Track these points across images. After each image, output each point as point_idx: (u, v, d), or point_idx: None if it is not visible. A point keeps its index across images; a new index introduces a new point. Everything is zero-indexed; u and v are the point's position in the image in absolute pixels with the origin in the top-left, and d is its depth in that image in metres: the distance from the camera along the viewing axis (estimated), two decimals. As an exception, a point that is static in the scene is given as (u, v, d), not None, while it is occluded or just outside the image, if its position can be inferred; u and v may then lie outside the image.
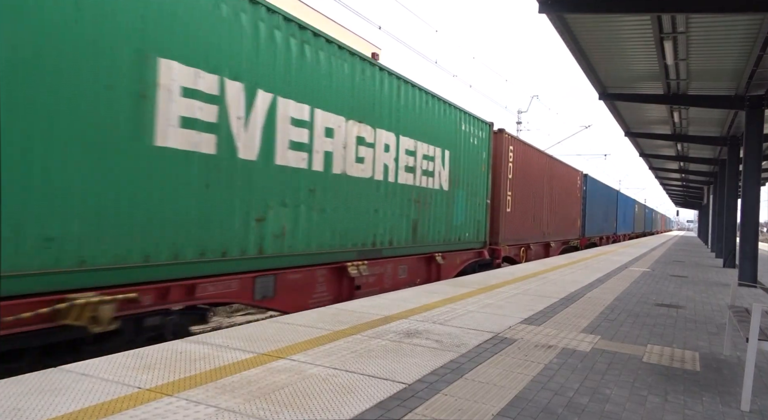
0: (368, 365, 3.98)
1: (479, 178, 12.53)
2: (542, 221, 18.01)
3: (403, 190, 9.31)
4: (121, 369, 3.62)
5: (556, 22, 8.74)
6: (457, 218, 11.29)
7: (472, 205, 12.09)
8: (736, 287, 5.65)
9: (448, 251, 11.04)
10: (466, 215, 11.74)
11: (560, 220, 20.67)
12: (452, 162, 11.12)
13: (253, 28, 6.07)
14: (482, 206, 12.70)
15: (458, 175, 11.41)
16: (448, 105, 11.02)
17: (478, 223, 12.44)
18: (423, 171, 9.94)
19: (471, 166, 12.02)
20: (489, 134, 13.09)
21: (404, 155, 9.29)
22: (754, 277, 11.37)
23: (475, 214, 12.31)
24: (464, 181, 11.71)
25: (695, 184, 36.72)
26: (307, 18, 20.67)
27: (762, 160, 11.91)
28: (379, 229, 8.59)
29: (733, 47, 9.35)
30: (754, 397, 3.75)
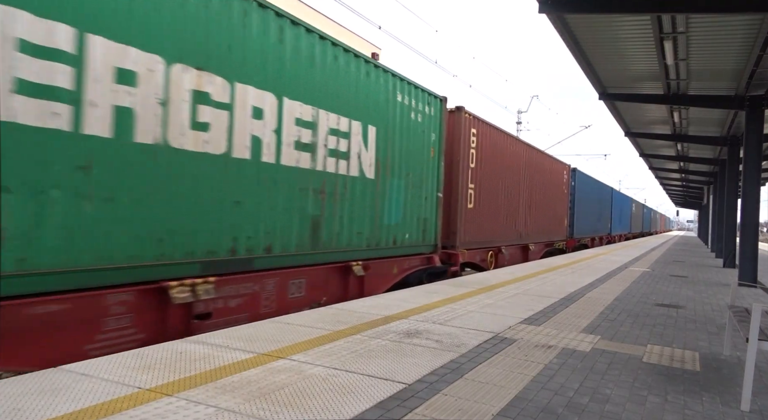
0: (368, 365, 3.98)
1: (426, 165, 10.06)
2: (518, 220, 15.81)
3: (294, 176, 6.73)
4: (121, 369, 3.62)
5: (556, 22, 8.74)
6: (390, 216, 8.87)
7: (414, 199, 9.65)
8: (736, 287, 5.65)
9: (375, 259, 8.57)
10: (405, 212, 9.34)
11: (542, 219, 18.42)
12: (381, 142, 8.58)
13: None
14: (431, 201, 10.28)
15: (392, 160, 8.90)
16: (374, 66, 8.39)
17: (424, 222, 10.03)
18: (330, 151, 7.38)
19: (413, 149, 9.56)
20: (440, 112, 10.55)
21: (294, 127, 6.67)
22: (754, 277, 11.36)
23: (420, 211, 9.87)
24: (402, 168, 9.22)
25: (695, 184, 36.71)
26: (308, 18, 20.66)
27: (762, 160, 11.91)
28: (244, 230, 6.01)
29: (733, 47, 9.35)
30: (754, 397, 3.75)
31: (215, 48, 5.62)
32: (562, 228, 21.28)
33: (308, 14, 23.75)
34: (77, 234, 4.43)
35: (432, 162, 10.33)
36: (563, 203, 21.51)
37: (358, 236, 8.11)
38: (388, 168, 8.84)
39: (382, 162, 8.63)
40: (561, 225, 21.21)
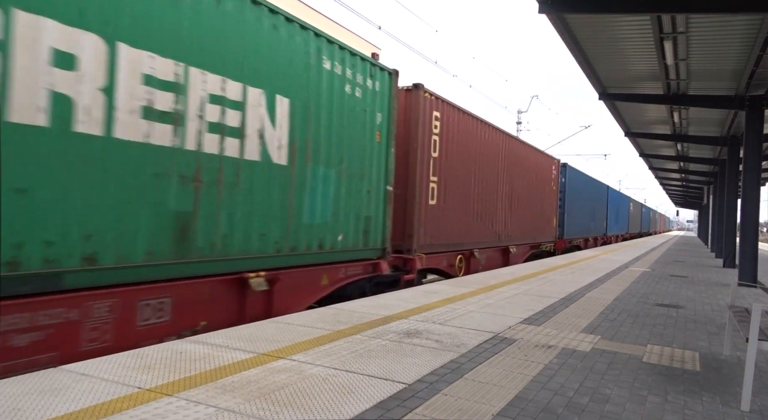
0: (368, 365, 3.98)
1: (370, 152, 8.20)
2: (495, 219, 13.92)
3: (143, 156, 4.86)
4: (121, 369, 3.62)
5: (556, 22, 8.74)
6: (314, 213, 7.01)
7: (352, 193, 7.79)
8: (736, 287, 5.65)
9: (292, 268, 6.72)
10: (337, 209, 7.49)
11: (526, 219, 16.61)
12: (299, 119, 6.69)
13: None
14: (377, 196, 8.43)
15: (316, 144, 7.02)
16: (287, 20, 6.51)
17: (366, 221, 8.17)
18: (211, 125, 5.53)
19: (349, 131, 7.68)
20: (389, 88, 8.67)
21: (141, 87, 4.82)
22: (754, 277, 11.37)
23: (361, 208, 8.01)
24: (333, 154, 7.36)
25: (695, 184, 36.73)
26: (307, 18, 20.66)
27: (762, 160, 11.92)
28: (38, 233, 4.10)
29: (733, 47, 9.35)
30: (754, 397, 3.75)
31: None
32: (550, 228, 19.41)
33: (308, 14, 23.74)
34: None
35: (378, 149, 8.41)
36: (552, 201, 19.54)
37: (262, 239, 6.20)
38: (309, 152, 6.86)
39: (300, 145, 6.70)
40: (549, 225, 19.28)
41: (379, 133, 8.47)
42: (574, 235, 22.96)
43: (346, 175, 7.68)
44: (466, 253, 12.13)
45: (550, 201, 19.35)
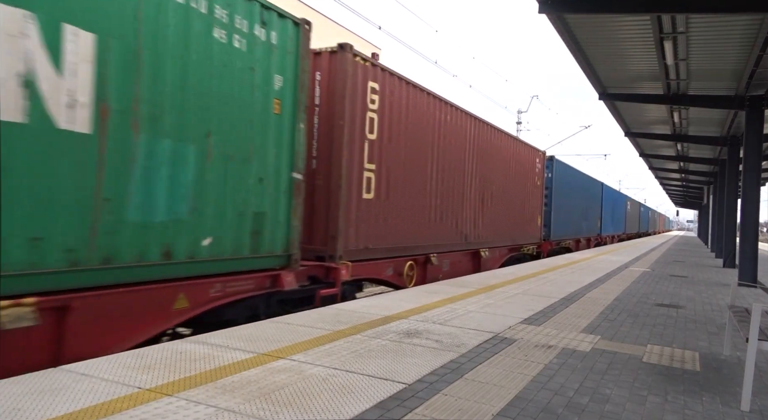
0: (368, 365, 3.98)
1: (262, 127, 6.18)
2: (462, 218, 11.68)
3: None
4: (121, 369, 3.62)
5: (556, 22, 8.74)
6: (150, 206, 4.92)
7: (230, 180, 5.74)
8: (736, 287, 5.65)
9: (102, 288, 4.51)
10: (202, 202, 5.43)
11: (503, 218, 14.22)
12: (115, 67, 4.56)
13: None
14: (277, 186, 6.42)
15: (156, 106, 4.91)
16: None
17: (257, 219, 6.14)
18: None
19: (224, 94, 5.63)
20: (297, 43, 6.68)
21: None
22: (754, 277, 11.37)
23: (248, 201, 6.01)
24: (192, 123, 5.29)
25: (695, 184, 36.72)
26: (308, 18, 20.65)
27: (762, 160, 11.92)
28: None
29: (733, 47, 9.35)
30: (754, 397, 3.75)
31: None
32: (533, 228, 17.08)
33: (308, 14, 23.75)
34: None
35: (278, 123, 6.42)
36: (536, 198, 17.23)
37: (33, 245, 4.01)
38: (140, 118, 4.78)
39: (119, 105, 4.62)
40: (532, 225, 16.96)
41: (278, 101, 6.42)
42: (562, 236, 20.74)
43: (216, 154, 5.57)
44: (420, 259, 9.97)
45: (533, 198, 16.98)
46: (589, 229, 26.27)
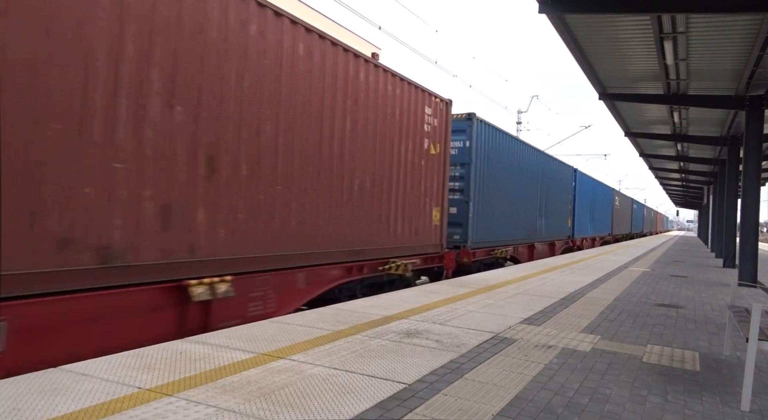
0: (368, 365, 3.98)
1: None
2: (192, 218, 5.51)
3: None
4: (121, 369, 3.62)
5: (556, 22, 8.74)
6: None
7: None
8: (736, 287, 5.65)
9: None
10: None
11: (342, 214, 7.80)
12: None
13: None
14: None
15: None
16: None
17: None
18: None
19: None
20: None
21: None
22: (754, 277, 11.37)
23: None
24: None
25: (695, 184, 36.72)
26: (308, 18, 20.67)
27: (762, 160, 11.92)
28: None
29: (733, 47, 9.35)
30: (754, 397, 3.75)
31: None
32: (428, 232, 10.40)
33: (308, 14, 23.76)
34: None
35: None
36: (435, 179, 10.59)
37: None
38: None
39: None
40: (425, 227, 10.25)
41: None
42: (497, 240, 14.05)
43: None
44: None
45: (429, 179, 10.40)
46: (554, 229, 19.71)
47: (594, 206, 27.84)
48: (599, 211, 29.42)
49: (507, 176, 14.79)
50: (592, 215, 27.27)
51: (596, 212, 28.51)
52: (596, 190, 28.73)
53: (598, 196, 28.93)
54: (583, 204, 25.13)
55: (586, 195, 25.82)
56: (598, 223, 28.81)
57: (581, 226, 24.55)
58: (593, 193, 27.76)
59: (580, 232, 24.40)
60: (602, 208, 30.28)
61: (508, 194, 14.88)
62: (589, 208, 26.45)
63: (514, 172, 15.43)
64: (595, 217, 28.13)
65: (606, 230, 31.28)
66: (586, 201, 25.64)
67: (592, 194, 27.50)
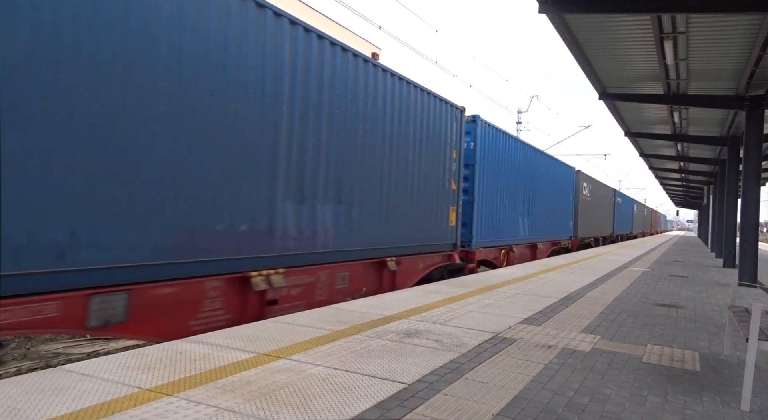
0: (368, 365, 3.98)
1: None
2: None
3: None
4: (121, 369, 3.62)
5: (556, 22, 8.74)
6: None
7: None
8: (736, 287, 5.65)
9: None
10: None
11: None
12: None
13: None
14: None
15: None
16: None
17: None
18: None
19: None
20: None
21: None
22: (754, 277, 11.36)
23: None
24: None
25: (695, 184, 36.71)
26: (308, 18, 20.67)
27: (762, 160, 11.91)
28: None
29: (733, 47, 9.35)
30: (754, 397, 3.75)
31: None
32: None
33: (308, 14, 23.76)
34: None
35: None
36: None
37: None
38: None
39: None
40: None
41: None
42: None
43: None
44: None
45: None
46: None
47: (558, 198, 20.27)
48: (561, 205, 20.80)
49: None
50: (553, 210, 19.60)
51: (564, 207, 21.03)
52: (566, 178, 21.44)
53: (558, 181, 20.26)
54: (543, 195, 18.17)
55: (549, 185, 18.94)
56: (559, 224, 20.60)
57: (539, 227, 17.72)
58: (561, 180, 20.70)
59: (542, 233, 18.05)
60: (562, 203, 21.01)
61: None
62: (549, 200, 19.06)
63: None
64: (564, 214, 21.01)
65: (563, 232, 21.37)
66: (546, 192, 18.66)
67: (560, 183, 20.56)
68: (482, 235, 13.10)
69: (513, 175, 15.37)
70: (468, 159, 12.47)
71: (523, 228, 16.32)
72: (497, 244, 14.19)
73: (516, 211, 15.69)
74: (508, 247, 15.11)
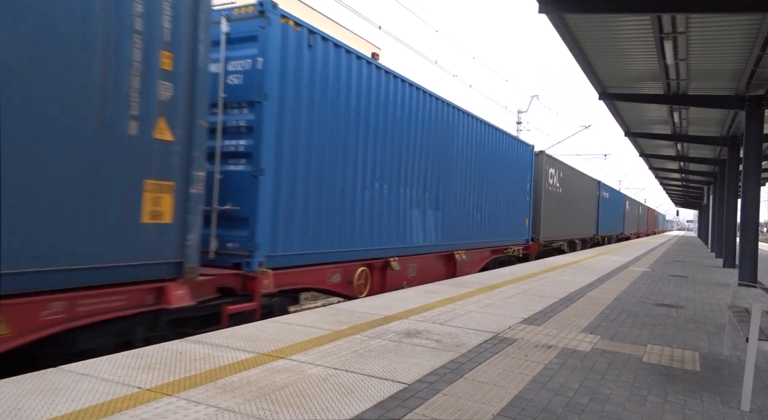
0: (368, 365, 3.98)
1: None
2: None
3: None
4: (121, 369, 3.62)
5: (556, 22, 8.74)
6: None
7: None
8: (736, 287, 5.65)
9: None
10: None
11: None
12: None
13: None
14: None
15: None
16: None
17: None
18: None
19: None
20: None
21: None
22: (754, 277, 11.36)
23: None
24: None
25: (695, 184, 36.72)
26: (308, 18, 20.66)
27: (762, 160, 11.92)
28: None
29: (733, 47, 9.35)
30: (754, 397, 3.75)
31: None
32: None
33: (308, 14, 23.75)
34: None
35: None
36: None
37: None
38: None
39: None
40: None
41: None
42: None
43: None
44: None
45: None
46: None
47: (513, 189, 15.04)
48: (512, 197, 15.07)
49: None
50: (508, 203, 14.76)
51: (509, 197, 14.80)
52: (521, 161, 15.57)
53: (514, 165, 15.16)
54: (499, 186, 14.07)
55: (509, 171, 14.65)
56: (511, 224, 15.00)
57: (482, 228, 13.18)
58: (517, 164, 15.30)
59: (488, 236, 13.49)
60: (512, 196, 15.03)
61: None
62: (507, 191, 14.63)
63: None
64: (517, 210, 15.50)
65: (515, 234, 15.38)
66: (505, 181, 14.44)
67: (518, 166, 15.35)
68: (290, 241, 6.89)
69: (398, 136, 9.33)
70: (248, 91, 6.52)
71: (425, 228, 10.42)
72: (338, 260, 7.90)
73: (406, 200, 9.68)
74: (378, 261, 8.95)
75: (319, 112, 7.37)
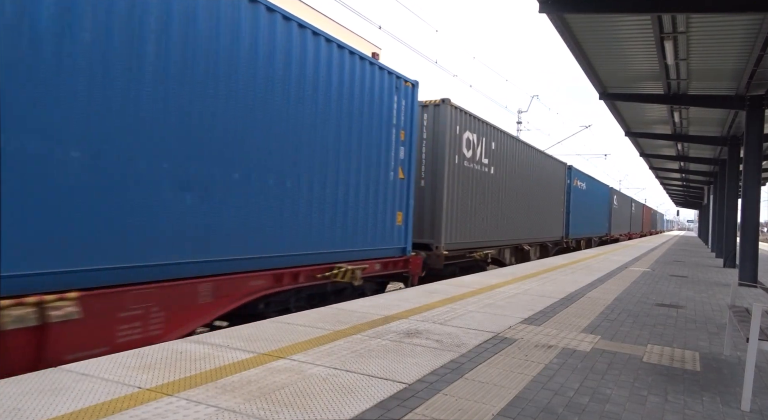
0: (368, 365, 3.98)
1: None
2: None
3: None
4: (121, 369, 3.62)
5: (556, 22, 8.74)
6: None
7: None
8: (736, 287, 5.65)
9: None
10: None
11: None
12: None
13: None
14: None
15: None
16: None
17: None
18: None
19: None
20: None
21: None
22: (754, 277, 11.36)
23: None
24: None
25: (695, 184, 36.72)
26: (308, 18, 20.67)
27: (762, 160, 11.92)
28: None
29: (733, 47, 9.35)
30: (754, 397, 3.75)
31: None
32: None
33: (308, 14, 23.75)
34: None
35: None
36: None
37: None
38: None
39: None
40: None
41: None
42: None
43: None
44: None
45: None
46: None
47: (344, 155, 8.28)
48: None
49: None
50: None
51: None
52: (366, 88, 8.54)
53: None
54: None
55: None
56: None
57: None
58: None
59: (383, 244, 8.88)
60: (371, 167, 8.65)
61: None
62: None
63: None
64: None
65: (384, 242, 9.20)
66: None
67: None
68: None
69: None
70: None
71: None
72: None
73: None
74: None
75: None
